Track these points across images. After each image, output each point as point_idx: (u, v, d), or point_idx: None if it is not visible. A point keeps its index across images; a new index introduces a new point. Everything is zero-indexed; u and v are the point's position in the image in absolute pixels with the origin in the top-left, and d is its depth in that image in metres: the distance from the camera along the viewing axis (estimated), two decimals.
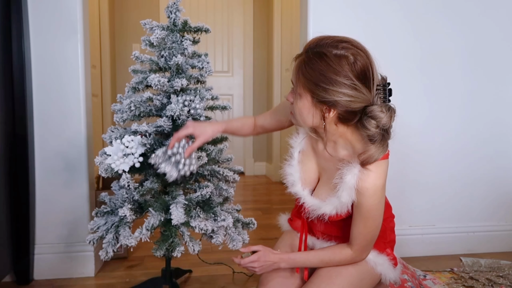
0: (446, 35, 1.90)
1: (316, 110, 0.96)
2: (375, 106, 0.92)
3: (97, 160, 1.21)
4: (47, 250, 1.67)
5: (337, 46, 0.92)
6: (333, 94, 0.90)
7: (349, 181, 0.98)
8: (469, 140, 1.96)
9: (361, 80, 0.90)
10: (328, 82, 0.90)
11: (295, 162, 1.13)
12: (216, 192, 1.31)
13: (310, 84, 0.92)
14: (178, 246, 1.20)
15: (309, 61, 0.93)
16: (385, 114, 0.91)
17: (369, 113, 0.92)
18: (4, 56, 1.48)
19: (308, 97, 0.95)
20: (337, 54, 0.91)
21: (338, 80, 0.89)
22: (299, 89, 0.96)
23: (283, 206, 2.95)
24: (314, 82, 0.91)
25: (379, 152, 0.94)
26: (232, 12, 4.16)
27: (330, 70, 0.90)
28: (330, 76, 0.90)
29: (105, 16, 3.44)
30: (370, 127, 0.92)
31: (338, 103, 0.91)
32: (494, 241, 2.00)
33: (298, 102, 0.97)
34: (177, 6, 1.33)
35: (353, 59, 0.90)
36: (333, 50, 0.91)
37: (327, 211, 1.05)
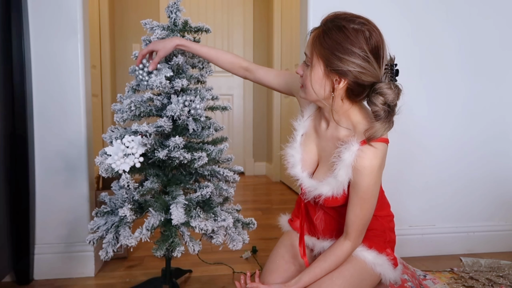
0: (445, 35, 1.90)
1: (328, 80, 0.99)
2: (383, 83, 0.96)
3: (97, 160, 1.21)
4: (47, 250, 1.67)
5: (354, 21, 0.97)
6: (347, 63, 0.94)
7: (347, 159, 1.00)
8: (469, 140, 1.96)
9: (374, 55, 0.95)
10: (343, 51, 0.94)
11: (297, 144, 1.15)
12: (216, 192, 1.31)
13: (326, 52, 0.96)
14: (178, 246, 1.20)
15: (327, 31, 0.97)
16: (392, 91, 0.96)
17: (378, 89, 0.96)
18: (4, 56, 1.48)
19: (321, 66, 0.98)
20: (355, 28, 0.96)
21: (353, 50, 0.94)
22: (314, 59, 0.99)
23: (283, 206, 2.95)
24: (330, 51, 0.95)
25: (384, 128, 0.97)
26: (232, 12, 4.16)
27: (347, 41, 0.94)
28: (346, 46, 0.94)
29: (105, 16, 3.44)
30: (377, 103, 0.96)
31: (350, 72, 0.95)
32: (494, 241, 2.00)
33: (311, 73, 1.01)
34: (178, 6, 1.33)
35: (368, 34, 0.95)
36: (350, 24, 0.96)
37: (323, 191, 1.05)
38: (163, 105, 1.30)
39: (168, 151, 1.20)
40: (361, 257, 1.12)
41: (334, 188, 1.04)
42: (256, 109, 4.29)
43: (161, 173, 1.31)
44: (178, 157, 1.20)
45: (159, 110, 1.32)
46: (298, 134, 1.15)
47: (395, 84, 0.98)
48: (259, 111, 4.29)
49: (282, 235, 1.30)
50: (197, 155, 1.23)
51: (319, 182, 1.08)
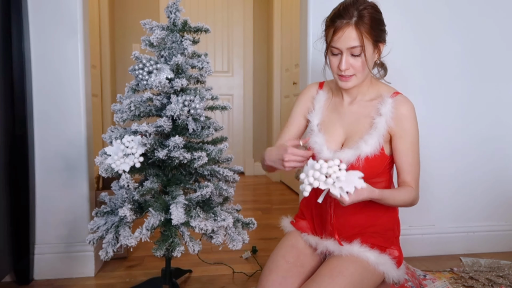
0: (444, 34, 1.90)
1: (376, 51, 1.14)
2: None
3: (97, 160, 1.21)
4: (47, 250, 1.67)
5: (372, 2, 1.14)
6: (385, 31, 1.14)
7: (386, 112, 1.12)
8: (468, 139, 1.96)
9: None
10: (382, 23, 1.14)
11: (316, 131, 1.21)
12: (216, 192, 1.31)
13: (374, 31, 1.10)
14: (178, 246, 1.20)
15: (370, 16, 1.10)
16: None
17: None
18: (4, 56, 1.48)
19: (370, 44, 1.10)
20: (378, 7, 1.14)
21: (383, 20, 1.14)
22: (365, 42, 1.09)
23: (283, 206, 2.95)
24: (377, 27, 1.11)
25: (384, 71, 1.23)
26: (232, 12, 4.16)
27: (381, 15, 1.13)
28: (382, 18, 1.14)
29: (105, 16, 3.44)
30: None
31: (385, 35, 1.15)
32: (494, 241, 2.00)
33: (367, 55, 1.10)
34: (177, 6, 1.33)
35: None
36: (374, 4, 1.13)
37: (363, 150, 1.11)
38: (162, 105, 1.30)
39: (168, 151, 1.20)
40: (363, 257, 1.12)
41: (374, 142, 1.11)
42: (256, 109, 4.28)
43: (161, 173, 1.31)
44: (178, 157, 1.20)
45: (159, 110, 1.32)
46: (314, 124, 1.22)
47: None
48: (259, 111, 4.29)
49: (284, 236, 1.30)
50: (197, 155, 1.23)
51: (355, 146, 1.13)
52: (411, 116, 1.14)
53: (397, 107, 1.12)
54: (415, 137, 1.15)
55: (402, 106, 1.13)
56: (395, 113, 1.12)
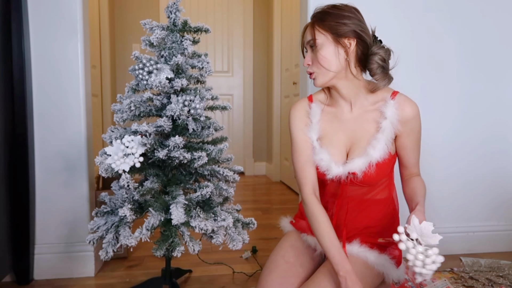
0: (444, 34, 1.90)
1: (340, 47, 1.09)
2: (374, 46, 1.12)
3: (97, 160, 1.21)
4: (47, 250, 1.67)
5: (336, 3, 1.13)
6: (349, 25, 1.08)
7: (392, 115, 1.10)
8: (468, 139, 1.96)
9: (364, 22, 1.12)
10: (343, 17, 1.09)
11: (318, 148, 1.17)
12: (216, 192, 1.31)
13: (329, 24, 1.09)
14: (178, 246, 1.20)
15: (321, 12, 1.12)
16: (383, 50, 1.12)
17: (372, 52, 1.11)
18: (4, 56, 1.48)
19: (328, 38, 1.09)
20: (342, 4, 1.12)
21: (350, 15, 1.09)
22: (320, 38, 1.09)
23: (283, 206, 2.95)
24: (333, 20, 1.09)
25: (383, 81, 1.12)
26: (232, 12, 4.16)
27: (342, 11, 1.10)
28: (343, 13, 1.10)
29: (105, 16, 3.44)
30: (374, 60, 1.10)
31: (354, 32, 1.08)
32: (494, 241, 2.00)
33: (321, 51, 1.10)
34: (177, 6, 1.33)
35: (354, 8, 1.12)
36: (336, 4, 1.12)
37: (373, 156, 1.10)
38: (162, 105, 1.30)
39: (168, 151, 1.20)
40: (362, 257, 1.12)
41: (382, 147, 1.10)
42: (256, 109, 4.28)
43: (161, 173, 1.31)
44: (178, 157, 1.20)
45: (159, 110, 1.32)
46: (314, 140, 1.17)
47: (384, 46, 1.13)
48: (259, 111, 4.29)
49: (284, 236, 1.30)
50: (197, 155, 1.23)
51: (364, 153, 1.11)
52: (416, 115, 1.13)
53: (402, 108, 1.11)
54: (420, 132, 1.16)
55: (407, 107, 1.11)
56: (401, 115, 1.10)
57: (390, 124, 1.10)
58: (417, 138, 1.16)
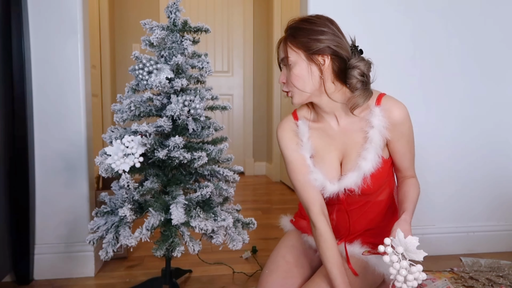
0: (445, 35, 1.90)
1: (313, 65, 1.05)
2: (354, 59, 1.06)
3: (97, 160, 1.21)
4: (47, 250, 1.67)
5: (311, 15, 1.10)
6: (323, 41, 1.04)
7: (378, 123, 1.06)
8: (469, 140, 1.96)
9: (340, 33, 1.07)
10: (316, 33, 1.04)
11: (312, 167, 1.13)
12: (216, 192, 1.31)
13: (301, 41, 1.05)
14: (178, 246, 1.20)
15: (294, 28, 1.07)
16: (363, 63, 1.06)
17: (351, 65, 1.05)
18: (4, 56, 1.48)
19: (302, 56, 1.05)
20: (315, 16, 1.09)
21: (323, 30, 1.05)
22: (292, 55, 1.06)
23: (283, 206, 2.95)
24: (305, 37, 1.04)
25: (364, 96, 1.05)
26: (232, 12, 4.16)
27: (315, 25, 1.05)
28: (317, 28, 1.05)
29: (105, 16, 3.44)
30: (354, 75, 1.05)
31: (328, 48, 1.04)
32: (494, 241, 2.00)
33: (294, 69, 1.06)
34: (177, 6, 1.32)
35: (328, 19, 1.08)
36: (310, 17, 1.09)
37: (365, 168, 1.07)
38: (162, 105, 1.30)
39: (168, 151, 1.20)
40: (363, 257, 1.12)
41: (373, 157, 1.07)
42: (256, 109, 4.28)
43: (161, 173, 1.31)
44: (178, 157, 1.20)
45: (159, 110, 1.32)
46: (307, 158, 1.14)
47: (363, 58, 1.07)
48: (259, 111, 4.29)
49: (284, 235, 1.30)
50: (197, 155, 1.23)
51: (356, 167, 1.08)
52: (405, 119, 1.08)
53: (389, 115, 1.06)
54: (411, 134, 1.12)
55: (394, 112, 1.06)
56: (388, 122, 1.06)
57: (378, 133, 1.06)
58: (407, 140, 1.11)
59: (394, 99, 1.09)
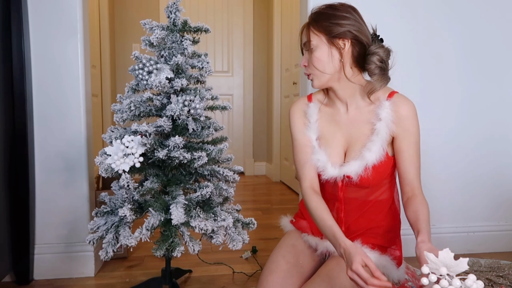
0: (445, 34, 1.90)
1: (334, 48, 1.08)
2: (373, 46, 1.10)
3: (97, 160, 1.21)
4: (47, 250, 1.67)
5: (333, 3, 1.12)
6: (344, 25, 1.07)
7: (386, 116, 1.08)
8: (468, 139, 1.96)
9: (362, 20, 1.10)
10: (338, 17, 1.08)
11: (317, 148, 1.17)
12: (216, 192, 1.31)
13: (323, 25, 1.08)
14: (178, 246, 1.20)
15: (317, 13, 1.11)
16: (383, 49, 1.09)
17: (371, 51, 1.09)
18: (4, 56, 1.48)
19: (323, 39, 1.08)
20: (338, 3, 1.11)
21: (345, 15, 1.08)
22: (314, 38, 1.09)
23: (283, 206, 2.95)
24: (327, 21, 1.08)
25: (381, 81, 1.09)
26: (232, 12, 4.16)
27: (338, 11, 1.09)
28: (339, 13, 1.08)
29: (105, 16, 3.44)
30: (373, 61, 1.08)
31: (349, 32, 1.07)
32: (494, 241, 2.00)
33: (315, 53, 1.10)
34: (177, 6, 1.32)
35: (351, 6, 1.11)
36: (333, 4, 1.12)
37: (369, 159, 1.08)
38: (162, 105, 1.30)
39: (167, 151, 1.20)
40: None
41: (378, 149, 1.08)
42: (256, 109, 4.28)
43: (161, 173, 1.31)
44: (178, 157, 1.20)
45: (159, 110, 1.32)
46: (313, 139, 1.17)
47: (383, 45, 1.11)
48: (259, 111, 4.29)
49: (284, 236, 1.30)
50: (197, 155, 1.23)
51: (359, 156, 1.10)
52: (412, 115, 1.09)
53: (397, 109, 1.08)
54: (417, 136, 1.11)
55: (402, 107, 1.08)
56: (395, 116, 1.08)
57: (385, 126, 1.08)
58: (413, 142, 1.10)
59: (405, 97, 1.11)
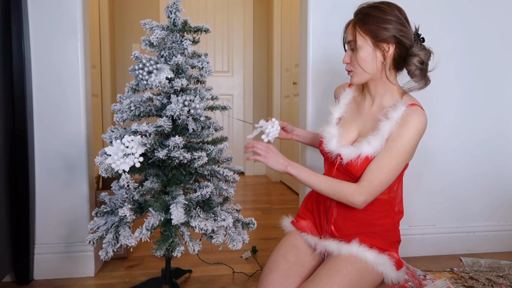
0: (444, 34, 1.90)
1: (378, 51, 1.12)
2: (416, 47, 1.13)
3: (97, 160, 1.21)
4: (47, 250, 1.67)
5: (382, 2, 1.15)
6: (390, 30, 1.10)
7: (393, 117, 1.10)
8: (468, 139, 1.96)
9: (406, 22, 1.13)
10: (385, 21, 1.10)
11: (333, 124, 1.25)
12: (216, 192, 1.31)
13: (370, 28, 1.11)
14: (178, 246, 1.20)
15: (365, 14, 1.13)
16: (424, 51, 1.13)
17: (413, 52, 1.12)
18: (4, 56, 1.48)
19: (368, 42, 1.12)
20: (386, 4, 1.14)
21: (391, 19, 1.11)
22: (359, 40, 1.13)
23: (283, 206, 2.95)
24: (375, 25, 1.11)
25: (420, 84, 1.14)
26: (232, 12, 4.16)
27: (385, 13, 1.11)
28: (386, 17, 1.11)
29: (105, 16, 3.44)
30: (414, 62, 1.12)
31: (394, 38, 1.10)
32: (494, 241, 2.00)
33: (360, 53, 1.13)
34: (177, 6, 1.33)
35: (397, 7, 1.14)
36: (381, 4, 1.14)
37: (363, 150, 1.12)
38: (162, 105, 1.30)
39: (168, 151, 1.20)
40: (362, 256, 1.12)
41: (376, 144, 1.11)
42: (256, 109, 4.29)
43: (161, 173, 1.31)
44: (178, 157, 1.20)
45: (159, 110, 1.32)
46: (334, 117, 1.27)
47: (425, 47, 1.14)
48: (259, 111, 4.29)
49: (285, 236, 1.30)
50: (197, 155, 1.23)
51: (359, 144, 1.14)
52: (415, 128, 1.09)
53: (407, 116, 1.09)
54: (403, 149, 1.09)
55: (412, 116, 1.09)
56: (402, 119, 1.09)
57: (389, 125, 1.11)
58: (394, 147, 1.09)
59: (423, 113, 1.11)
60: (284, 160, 1.18)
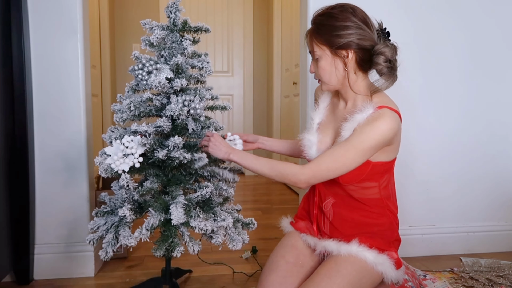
0: (445, 34, 1.90)
1: (337, 59, 1.11)
2: (379, 44, 1.10)
3: (97, 160, 1.21)
4: (47, 250, 1.67)
5: (334, 7, 1.12)
6: (346, 36, 1.07)
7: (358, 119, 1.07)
8: (469, 139, 1.96)
9: (364, 23, 1.09)
10: (339, 29, 1.08)
11: (313, 130, 1.23)
12: (216, 192, 1.31)
13: (325, 37, 1.09)
14: (178, 246, 1.20)
15: (318, 23, 1.12)
16: (389, 48, 1.09)
17: (377, 51, 1.09)
18: (4, 56, 1.48)
19: (326, 51, 1.11)
20: (338, 10, 1.10)
21: (346, 24, 1.07)
22: (317, 50, 1.12)
23: (283, 206, 2.95)
24: (328, 33, 1.09)
25: (388, 81, 1.10)
26: (232, 12, 4.16)
27: (337, 20, 1.08)
28: (339, 24, 1.08)
29: (105, 16, 3.44)
30: (380, 61, 1.09)
31: (352, 43, 1.08)
32: (494, 241, 2.00)
33: (320, 62, 1.13)
34: (177, 6, 1.32)
35: (351, 10, 1.10)
36: (333, 10, 1.11)
37: None
38: (162, 105, 1.30)
39: (167, 151, 1.20)
40: (361, 256, 1.12)
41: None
42: (256, 109, 4.29)
43: (160, 173, 1.31)
44: (177, 157, 1.20)
45: (159, 110, 1.32)
46: (314, 123, 1.24)
47: (390, 43, 1.11)
48: (259, 111, 4.29)
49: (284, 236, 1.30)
50: (197, 156, 1.23)
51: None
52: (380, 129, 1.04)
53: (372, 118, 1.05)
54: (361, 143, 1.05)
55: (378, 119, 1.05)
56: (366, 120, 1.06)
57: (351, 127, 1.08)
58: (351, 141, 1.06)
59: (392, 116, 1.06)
60: (227, 149, 1.19)
